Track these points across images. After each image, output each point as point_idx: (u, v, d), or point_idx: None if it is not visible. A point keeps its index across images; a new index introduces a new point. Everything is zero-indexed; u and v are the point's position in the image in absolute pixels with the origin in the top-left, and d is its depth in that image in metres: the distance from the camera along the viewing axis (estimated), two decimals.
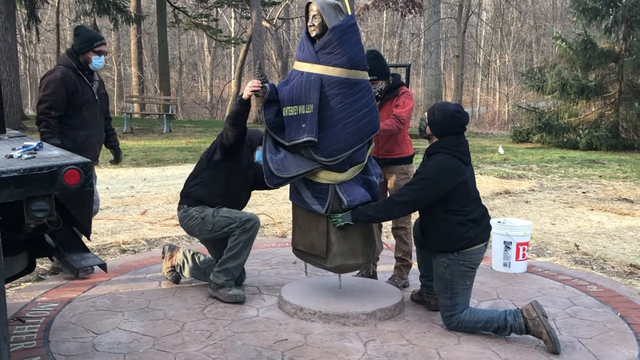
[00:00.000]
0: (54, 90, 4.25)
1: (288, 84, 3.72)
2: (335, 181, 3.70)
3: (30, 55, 30.73)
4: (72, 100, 4.31)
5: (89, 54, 4.40)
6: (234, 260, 3.97)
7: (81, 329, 3.55)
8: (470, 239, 3.51)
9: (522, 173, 10.50)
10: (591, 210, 7.47)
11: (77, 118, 4.35)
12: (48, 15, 29.45)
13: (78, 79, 4.36)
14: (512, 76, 31.65)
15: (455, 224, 3.50)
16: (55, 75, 4.30)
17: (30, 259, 3.40)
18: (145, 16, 23.68)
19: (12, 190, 2.71)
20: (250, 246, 4.01)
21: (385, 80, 4.21)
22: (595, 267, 5.11)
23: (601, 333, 3.59)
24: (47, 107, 4.25)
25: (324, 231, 3.75)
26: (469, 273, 3.55)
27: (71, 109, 4.32)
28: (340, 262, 3.77)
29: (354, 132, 3.61)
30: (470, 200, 3.57)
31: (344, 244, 3.75)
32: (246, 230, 3.93)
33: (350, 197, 3.69)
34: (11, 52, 14.92)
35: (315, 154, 3.61)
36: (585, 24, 15.39)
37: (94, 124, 4.46)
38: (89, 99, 4.41)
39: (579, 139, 14.98)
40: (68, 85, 4.29)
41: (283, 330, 3.55)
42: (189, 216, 4.04)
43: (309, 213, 3.78)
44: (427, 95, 22.43)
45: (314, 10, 3.64)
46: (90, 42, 4.40)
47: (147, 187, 8.49)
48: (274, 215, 6.78)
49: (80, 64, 4.39)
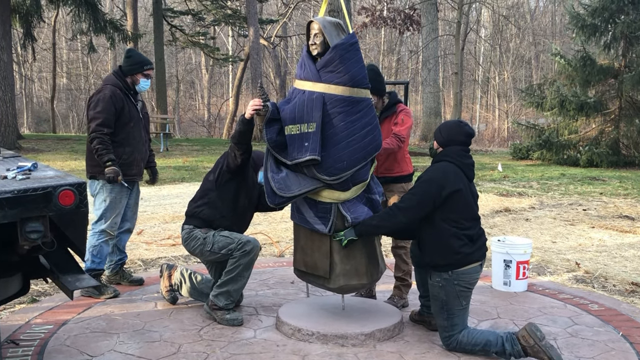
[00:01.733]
0: (104, 108, 4.40)
1: (289, 102, 3.71)
2: (338, 200, 3.67)
3: (26, 74, 30.70)
4: (120, 118, 4.47)
5: (138, 76, 4.58)
6: (235, 284, 3.94)
7: (76, 351, 3.50)
8: (464, 255, 3.49)
9: (522, 190, 10.48)
10: (592, 227, 7.44)
11: (123, 135, 4.50)
12: (44, 34, 29.60)
13: (125, 97, 4.52)
14: (512, 93, 31.78)
15: (451, 235, 3.48)
16: (105, 93, 4.45)
17: (24, 280, 3.38)
18: (142, 34, 23.77)
19: (6, 212, 2.71)
20: (250, 270, 3.97)
21: (381, 97, 4.20)
22: (596, 285, 5.07)
23: (603, 352, 3.55)
24: (98, 124, 4.38)
25: (327, 251, 3.71)
26: (465, 293, 3.52)
27: (118, 126, 4.47)
28: (343, 283, 3.73)
29: (357, 151, 3.60)
30: (470, 217, 3.56)
31: (348, 264, 3.71)
32: (246, 253, 3.89)
33: (354, 215, 3.66)
34: (7, 71, 14.96)
35: (318, 172, 3.59)
36: (584, 41, 15.48)
37: (139, 141, 4.61)
38: (135, 117, 4.57)
39: (579, 155, 14.99)
40: (116, 103, 4.44)
41: (281, 352, 3.51)
42: (192, 237, 4.00)
43: (312, 233, 3.75)
44: (425, 112, 22.52)
45: (316, 29, 3.65)
46: (140, 64, 4.58)
47: (143, 207, 8.39)
48: (272, 234, 6.74)
49: (126, 83, 4.56)
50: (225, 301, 3.95)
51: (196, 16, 24.73)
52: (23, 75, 29.88)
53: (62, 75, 33.34)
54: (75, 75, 34.24)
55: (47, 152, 15.22)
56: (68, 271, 3.22)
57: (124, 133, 4.49)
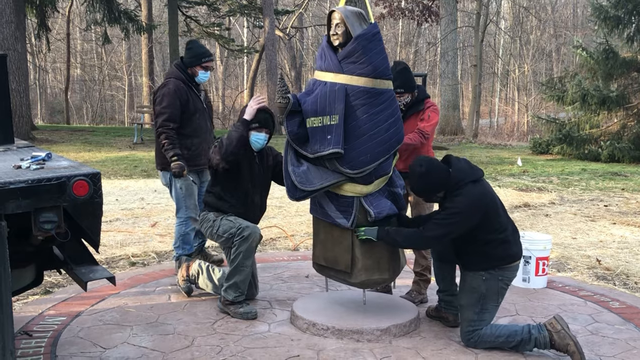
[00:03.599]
0: (169, 102, 4.52)
1: (310, 94, 3.65)
2: (361, 194, 3.62)
3: (40, 64, 30.65)
4: (185, 110, 4.59)
5: (197, 68, 4.68)
6: (239, 274, 3.91)
7: (89, 343, 3.50)
8: (511, 256, 3.50)
9: (542, 185, 10.33)
10: (613, 224, 7.30)
11: (190, 127, 4.63)
12: (58, 25, 29.56)
13: (188, 89, 4.64)
14: (532, 86, 31.36)
15: (498, 244, 3.46)
16: (169, 87, 4.57)
17: (38, 271, 3.37)
18: (157, 25, 23.75)
19: (20, 202, 2.70)
20: (250, 259, 3.93)
21: (411, 93, 4.14)
22: (617, 282, 4.98)
23: (624, 351, 3.50)
24: (165, 119, 4.50)
25: (348, 245, 3.66)
26: (504, 290, 3.53)
27: (184, 119, 4.60)
28: (365, 278, 3.68)
29: (381, 143, 3.54)
30: (501, 215, 3.51)
31: (369, 259, 3.66)
32: (244, 238, 3.86)
33: (377, 210, 3.60)
34: (21, 62, 14.94)
35: (341, 166, 3.54)
36: (607, 33, 15.17)
37: (205, 131, 4.74)
38: (199, 107, 4.70)
39: (600, 150, 14.71)
40: (181, 97, 4.56)
41: (295, 346, 3.48)
42: (205, 219, 4.10)
43: (332, 227, 3.69)
44: (444, 105, 22.29)
45: (337, 19, 3.58)
46: (199, 57, 4.68)
47: (157, 199, 8.42)
48: (287, 228, 6.70)
49: (188, 75, 4.67)
50: (234, 294, 3.92)
51: (211, 6, 24.60)
52: (37, 66, 29.83)
53: (76, 66, 33.36)
54: (89, 66, 34.30)
55: (61, 143, 15.31)
56: (82, 262, 3.21)
57: (190, 125, 4.62)
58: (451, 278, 3.82)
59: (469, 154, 16.12)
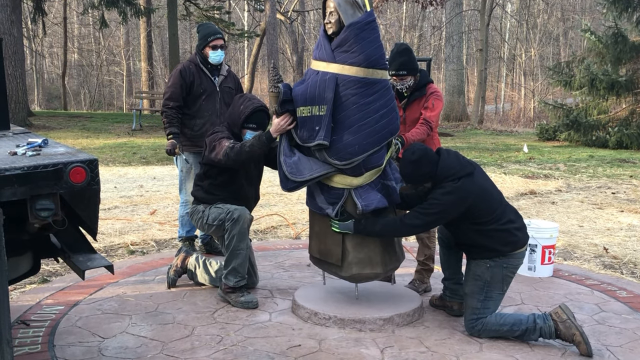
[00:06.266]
0: (172, 82, 4.70)
1: (303, 83, 3.63)
2: (351, 185, 3.57)
3: (37, 49, 30.23)
4: (190, 90, 4.69)
5: (206, 50, 4.72)
6: (236, 258, 3.88)
7: (87, 332, 3.47)
8: (512, 243, 3.44)
9: (548, 172, 10.24)
10: (621, 211, 7.23)
11: (194, 107, 4.72)
12: (55, 8, 29.25)
13: (198, 71, 4.72)
14: (538, 71, 31.10)
15: (493, 233, 3.41)
16: (177, 69, 4.76)
17: (34, 259, 3.33)
18: (155, 9, 23.45)
19: (16, 189, 2.66)
20: (245, 240, 3.88)
21: (414, 76, 4.05)
22: (625, 271, 4.93)
23: (631, 341, 3.48)
24: (166, 98, 4.69)
25: (339, 238, 3.63)
26: (508, 279, 3.49)
27: (190, 99, 4.71)
28: (356, 271, 3.64)
29: (370, 135, 3.48)
30: (494, 205, 3.44)
31: (361, 252, 3.62)
32: (235, 221, 3.83)
33: (366, 202, 3.55)
34: (17, 46, 14.79)
35: (329, 156, 3.51)
36: (616, 16, 14.98)
37: (212, 113, 4.75)
38: (208, 89, 4.74)
39: (608, 137, 14.55)
40: (186, 77, 4.67)
41: (296, 336, 3.46)
42: (195, 211, 4.12)
43: (325, 219, 3.67)
44: (448, 90, 22.15)
45: (331, 7, 3.52)
46: (206, 37, 4.72)
47: (156, 186, 8.36)
48: (288, 215, 6.65)
49: (202, 57, 4.74)
50: (234, 279, 3.89)
51: None
52: (33, 51, 29.49)
53: (74, 50, 33.07)
54: (87, 51, 34.00)
55: (58, 130, 15.25)
56: (79, 251, 3.17)
57: (194, 105, 4.70)
58: (457, 266, 3.78)
59: (474, 141, 16.04)
